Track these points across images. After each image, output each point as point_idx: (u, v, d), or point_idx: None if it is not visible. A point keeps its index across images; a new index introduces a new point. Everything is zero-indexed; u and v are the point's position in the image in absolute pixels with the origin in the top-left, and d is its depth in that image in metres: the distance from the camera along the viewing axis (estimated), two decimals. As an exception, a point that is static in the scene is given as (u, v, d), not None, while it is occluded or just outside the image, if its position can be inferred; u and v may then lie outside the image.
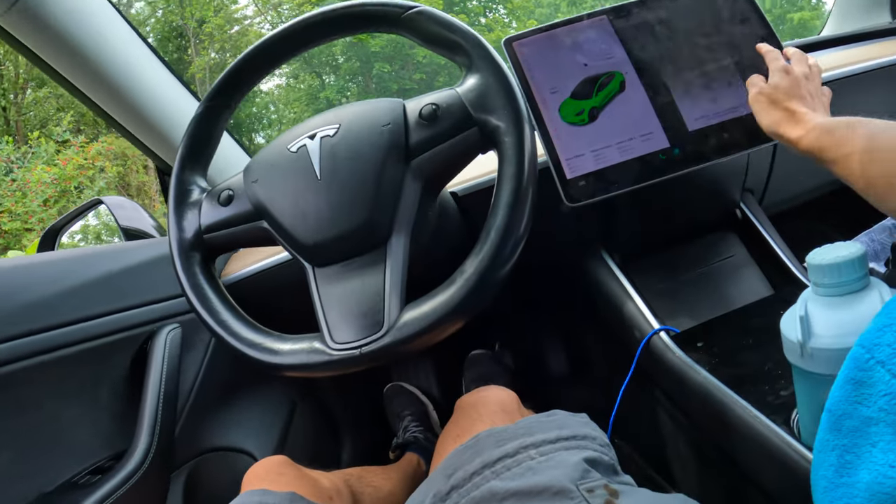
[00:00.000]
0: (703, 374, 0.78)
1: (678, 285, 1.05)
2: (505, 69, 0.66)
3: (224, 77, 0.77)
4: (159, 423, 0.91)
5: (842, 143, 0.64)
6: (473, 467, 0.55)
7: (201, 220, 0.73)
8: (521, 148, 0.62)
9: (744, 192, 1.10)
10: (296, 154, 0.68)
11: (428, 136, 0.66)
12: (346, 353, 0.61)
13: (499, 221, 0.60)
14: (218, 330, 0.69)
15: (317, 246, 0.66)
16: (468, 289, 0.59)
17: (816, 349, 0.53)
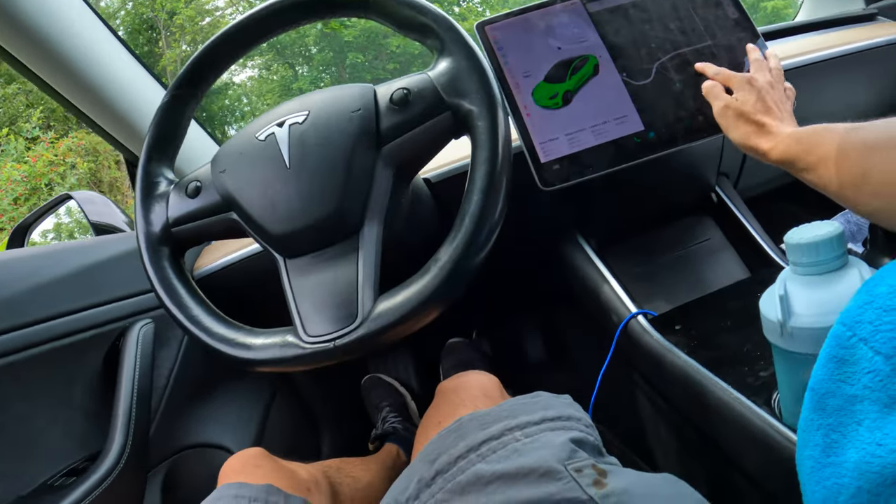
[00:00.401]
0: (681, 357, 0.78)
1: (655, 269, 1.05)
2: (477, 52, 0.64)
3: (190, 65, 0.75)
4: (133, 421, 0.89)
5: (811, 150, 0.65)
6: (458, 451, 0.55)
7: (169, 213, 0.71)
8: (494, 132, 0.61)
9: (719, 175, 1.10)
10: (264, 142, 0.67)
11: (399, 122, 0.65)
12: (320, 346, 0.60)
13: (473, 208, 0.59)
14: (189, 326, 0.67)
15: (287, 236, 0.64)
16: (442, 277, 0.58)
17: (797, 328, 0.52)
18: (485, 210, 0.59)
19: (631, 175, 0.85)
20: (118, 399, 0.89)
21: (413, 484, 0.55)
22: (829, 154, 0.62)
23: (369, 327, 0.59)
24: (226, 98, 14.87)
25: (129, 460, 0.86)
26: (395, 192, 0.66)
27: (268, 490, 0.68)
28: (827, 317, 0.51)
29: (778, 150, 0.70)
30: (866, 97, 1.35)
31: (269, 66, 15.11)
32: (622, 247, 1.07)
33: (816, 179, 0.64)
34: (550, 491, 0.48)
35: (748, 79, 0.78)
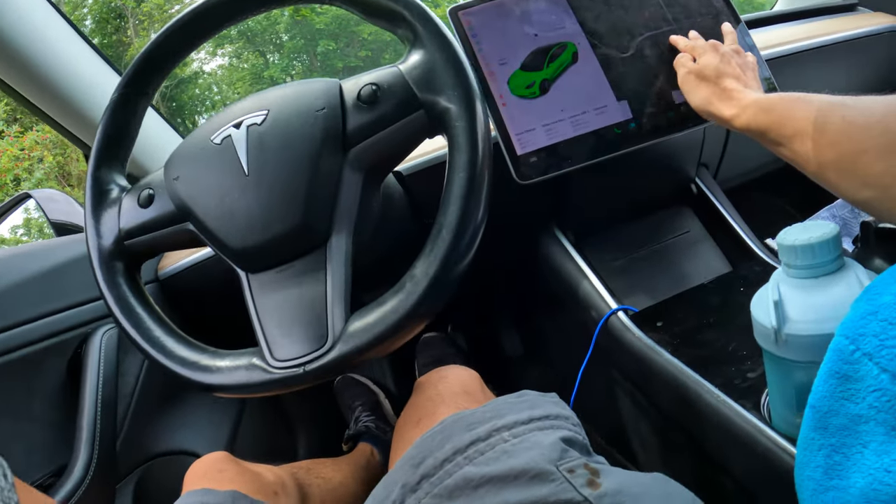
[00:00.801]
0: (665, 355, 0.75)
1: (633, 262, 1.02)
2: (454, 42, 0.59)
3: (138, 61, 0.69)
4: (99, 433, 0.85)
5: (784, 122, 0.60)
6: (444, 454, 0.52)
7: (121, 224, 0.66)
8: (473, 133, 0.56)
9: (699, 166, 1.08)
10: (220, 146, 0.61)
11: (368, 121, 0.59)
12: (288, 371, 0.56)
13: (451, 217, 0.54)
14: (147, 348, 0.62)
15: (248, 250, 0.59)
16: (419, 294, 0.53)
17: (791, 335, 0.50)
18: (464, 219, 0.54)
19: (610, 166, 0.82)
20: (82, 410, 0.85)
21: (397, 489, 0.52)
22: (804, 129, 0.57)
23: (341, 350, 0.54)
24: (196, 87, 14.64)
25: (96, 474, 0.82)
26: (364, 198, 0.61)
27: (233, 496, 0.66)
28: (823, 324, 0.48)
29: (744, 117, 0.66)
30: (846, 88, 1.33)
31: (239, 54, 14.88)
32: (600, 239, 1.04)
33: (791, 155, 0.60)
34: (544, 493, 0.46)
35: (711, 44, 0.76)
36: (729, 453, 0.65)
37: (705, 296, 0.88)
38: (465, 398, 0.72)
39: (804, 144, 0.57)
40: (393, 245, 0.81)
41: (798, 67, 1.15)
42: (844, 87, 1.33)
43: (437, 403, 0.71)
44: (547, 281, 1.06)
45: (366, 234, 0.65)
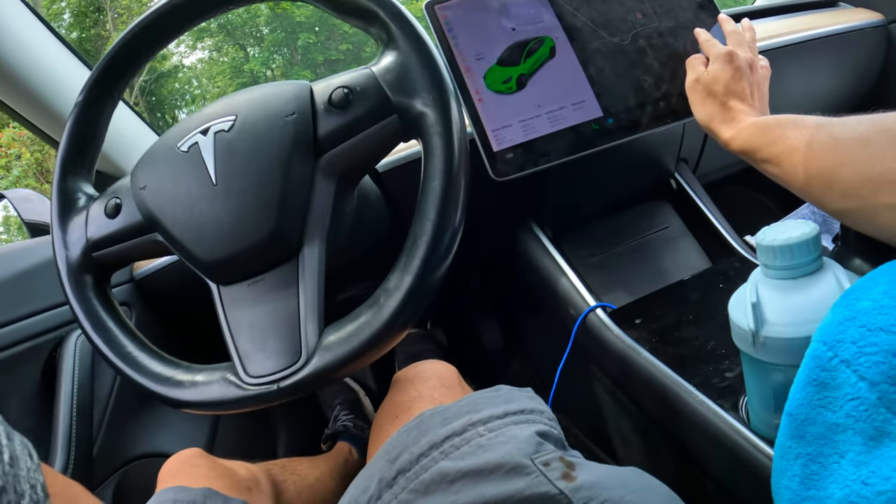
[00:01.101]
0: (643, 354, 0.74)
1: (612, 258, 1.02)
2: (429, 43, 0.57)
3: (103, 63, 0.66)
4: (75, 439, 0.83)
5: (775, 141, 0.62)
6: (419, 448, 0.52)
7: (88, 235, 0.64)
8: (449, 139, 0.53)
9: (678, 161, 1.07)
10: (187, 154, 0.59)
11: (339, 126, 0.57)
12: (262, 388, 0.54)
13: (426, 227, 0.52)
14: (119, 364, 0.60)
15: (218, 263, 0.57)
16: (394, 307, 0.52)
17: (769, 338, 0.49)
18: (439, 229, 0.52)
19: (588, 161, 0.81)
20: (57, 416, 0.83)
21: (374, 484, 0.52)
22: (795, 148, 0.59)
23: (315, 365, 0.53)
24: (175, 81, 14.52)
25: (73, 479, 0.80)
26: (337, 204, 0.59)
27: (206, 494, 0.65)
28: (801, 326, 0.48)
29: (740, 139, 0.67)
30: (827, 84, 1.34)
31: (219, 47, 14.77)
32: (577, 234, 1.03)
33: (779, 173, 0.62)
34: (519, 486, 0.46)
35: (728, 52, 0.74)
36: (708, 454, 0.65)
37: (684, 292, 0.87)
38: (441, 392, 0.72)
39: (792, 161, 0.59)
40: (369, 247, 0.80)
41: (779, 63, 1.15)
42: (824, 83, 1.33)
43: (414, 398, 0.71)
44: (525, 277, 1.05)
45: (340, 239, 0.64)
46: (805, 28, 1.21)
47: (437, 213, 0.52)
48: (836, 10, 1.43)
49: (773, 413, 0.55)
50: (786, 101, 0.73)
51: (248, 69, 13.91)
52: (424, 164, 0.54)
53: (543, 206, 1.00)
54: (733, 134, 0.68)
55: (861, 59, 1.35)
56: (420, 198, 0.54)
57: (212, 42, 14.64)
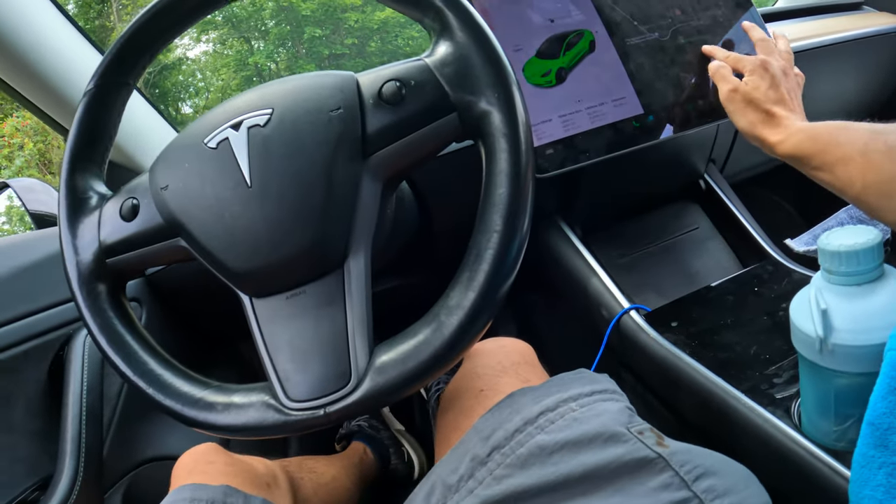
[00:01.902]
0: (685, 358, 0.72)
1: (641, 259, 1.00)
2: (490, 34, 0.51)
3: (120, 45, 0.60)
4: (84, 442, 0.79)
5: (827, 149, 0.61)
6: (514, 425, 0.51)
7: (102, 239, 0.58)
8: (516, 142, 0.48)
9: (708, 162, 1.05)
10: (215, 150, 0.53)
11: (391, 124, 0.51)
12: (307, 413, 0.49)
13: (491, 241, 0.48)
14: (141, 384, 0.55)
15: (252, 274, 0.52)
16: (456, 325, 0.47)
17: (838, 345, 0.47)
18: (506, 243, 0.47)
19: (619, 159, 0.79)
20: (65, 418, 0.79)
21: (465, 463, 0.51)
22: (849, 155, 0.59)
23: (367, 389, 0.48)
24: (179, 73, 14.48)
25: (83, 486, 0.77)
26: (382, 209, 0.54)
27: (225, 491, 0.63)
28: (869, 334, 0.46)
29: (789, 143, 0.66)
30: (850, 89, 1.33)
31: (224, 40, 14.73)
32: (606, 234, 1.01)
33: (833, 180, 0.61)
34: (619, 453, 0.46)
35: (762, 62, 0.73)
36: (759, 462, 0.63)
37: (719, 296, 0.86)
38: (526, 370, 0.70)
39: (847, 169, 0.59)
40: (401, 248, 0.77)
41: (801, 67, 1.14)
42: (847, 88, 1.32)
43: (499, 373, 0.68)
44: (552, 276, 1.03)
45: (380, 245, 0.59)
46: (828, 32, 1.19)
47: (504, 224, 0.47)
48: (859, 13, 1.43)
49: (831, 420, 0.54)
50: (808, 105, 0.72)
51: (253, 62, 13.88)
52: (487, 169, 0.49)
53: (573, 204, 0.98)
54: (781, 138, 0.67)
55: (884, 64, 1.33)
56: (483, 207, 0.49)
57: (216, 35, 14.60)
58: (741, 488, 0.45)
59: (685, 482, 0.44)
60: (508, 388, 0.61)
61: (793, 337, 0.52)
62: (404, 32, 7.27)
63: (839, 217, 1.01)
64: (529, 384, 0.60)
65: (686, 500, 0.43)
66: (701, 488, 0.44)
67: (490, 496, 0.47)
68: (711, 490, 0.44)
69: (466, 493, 0.49)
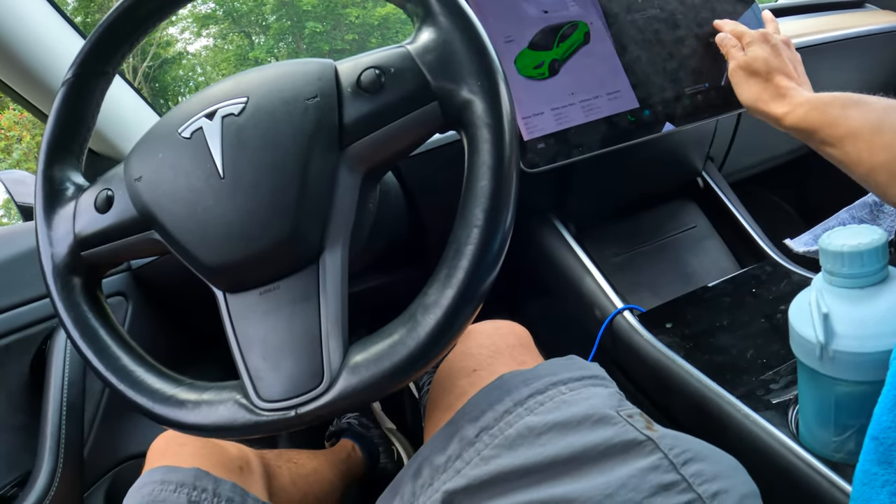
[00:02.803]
0: (679, 362, 0.70)
1: (636, 258, 0.98)
2: (474, 20, 0.48)
3: (98, 34, 0.59)
4: (64, 438, 0.78)
5: (836, 122, 0.59)
6: (503, 406, 0.51)
7: (76, 231, 0.56)
8: (499, 133, 0.46)
9: (706, 159, 1.03)
10: (189, 140, 0.51)
11: (369, 113, 0.48)
12: (278, 414, 0.47)
13: (472, 237, 0.45)
14: (112, 379, 0.53)
15: (225, 268, 0.50)
16: (433, 325, 0.45)
17: (839, 352, 0.45)
18: (487, 239, 0.45)
19: (615, 155, 0.77)
20: (45, 414, 0.78)
21: (453, 443, 0.50)
22: (859, 130, 0.56)
23: (339, 390, 0.46)
24: (179, 68, 14.48)
25: (62, 483, 0.76)
26: (361, 202, 0.51)
27: (196, 474, 0.62)
28: (873, 340, 0.44)
29: (795, 115, 0.64)
30: (854, 87, 1.30)
31: (224, 35, 14.74)
32: (600, 232, 0.99)
33: (841, 156, 0.58)
34: (608, 435, 0.46)
35: (762, 33, 0.72)
36: (754, 472, 0.60)
37: (715, 297, 0.83)
38: (521, 352, 0.69)
39: (856, 146, 0.56)
40: (386, 244, 0.74)
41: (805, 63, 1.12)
42: (850, 85, 1.29)
43: (494, 353, 0.67)
44: (543, 274, 1.00)
45: (361, 239, 0.57)
46: (829, 29, 1.18)
47: (485, 218, 0.45)
48: (862, 11, 1.41)
49: (831, 430, 0.51)
50: None
51: (253, 57, 13.88)
52: (469, 161, 0.47)
53: (567, 201, 0.95)
54: (786, 110, 0.65)
55: (886, 63, 1.31)
56: (464, 200, 0.47)
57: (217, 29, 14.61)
58: (728, 475, 0.45)
59: (673, 465, 0.44)
60: (503, 369, 0.60)
61: (791, 342, 0.50)
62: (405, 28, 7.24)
63: (840, 217, 0.98)
64: (525, 366, 0.60)
65: (674, 483, 0.43)
66: (689, 472, 0.44)
67: (477, 476, 0.47)
68: (699, 475, 0.44)
69: (454, 474, 0.49)
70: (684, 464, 0.44)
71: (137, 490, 0.60)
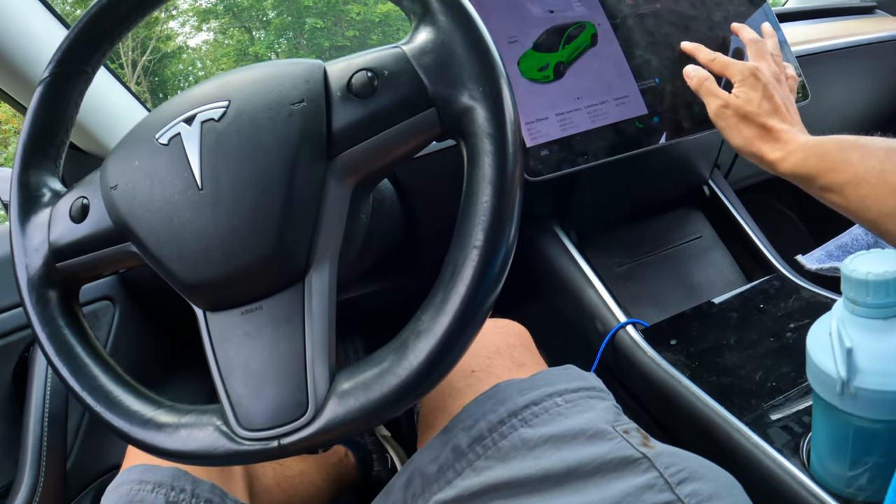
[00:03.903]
0: (684, 382, 0.67)
1: (640, 268, 0.95)
2: (476, 19, 0.44)
3: (77, 31, 0.55)
4: (46, 450, 0.75)
5: (837, 167, 0.56)
6: (498, 416, 0.50)
7: (51, 240, 0.53)
8: (502, 144, 0.42)
9: (713, 167, 1.00)
10: (166, 147, 0.47)
11: (361, 119, 0.44)
12: (259, 444, 0.44)
13: (469, 258, 0.41)
14: (87, 399, 0.50)
15: (203, 285, 0.46)
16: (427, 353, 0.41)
17: (862, 389, 0.41)
18: (486, 261, 0.41)
19: (621, 162, 0.74)
20: (27, 425, 0.75)
21: (446, 452, 0.50)
22: (863, 177, 0.53)
23: (325, 420, 0.43)
24: (179, 62, 14.45)
25: (44, 495, 0.74)
26: (352, 214, 0.48)
27: (174, 474, 0.60)
28: (896, 378, 0.40)
29: (791, 161, 0.61)
30: (863, 94, 1.28)
31: (224, 30, 14.70)
32: (603, 240, 0.96)
33: (843, 202, 0.56)
34: (603, 450, 0.46)
35: (752, 70, 0.66)
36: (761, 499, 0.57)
37: (722, 312, 0.80)
38: (521, 352, 0.67)
39: (859, 192, 0.54)
40: (377, 256, 0.70)
41: (813, 70, 1.09)
42: (859, 93, 1.28)
43: (493, 354, 0.65)
44: (543, 283, 0.97)
45: (352, 252, 0.54)
46: (839, 35, 1.16)
47: (485, 238, 0.41)
48: (872, 17, 1.39)
49: (845, 465, 0.48)
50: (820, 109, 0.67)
51: (253, 52, 13.85)
52: (469, 174, 0.43)
53: (569, 208, 0.92)
54: (782, 155, 0.62)
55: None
56: (462, 217, 0.43)
57: (217, 24, 14.58)
58: (724, 494, 0.44)
59: (669, 485, 0.43)
60: (501, 370, 0.61)
61: (809, 373, 0.47)
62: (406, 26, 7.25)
63: (854, 233, 0.95)
64: (524, 367, 0.61)
65: (669, 503, 0.42)
66: (685, 492, 0.43)
67: (468, 487, 0.47)
68: (695, 494, 0.43)
69: (445, 484, 0.48)
70: (680, 483, 0.44)
71: (114, 490, 0.59)
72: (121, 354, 0.92)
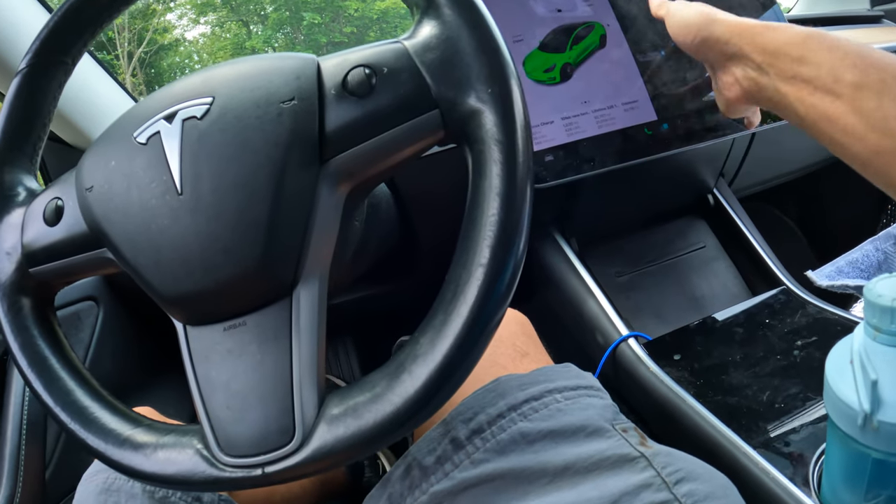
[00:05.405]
0: (688, 401, 0.64)
1: (642, 278, 0.92)
2: (485, 13, 0.41)
3: (56, 20, 0.52)
4: (24, 460, 0.73)
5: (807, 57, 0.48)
6: (498, 410, 0.50)
7: (24, 243, 0.49)
8: (512, 152, 0.38)
9: (719, 176, 0.97)
10: (145, 147, 0.43)
11: (356, 120, 0.40)
12: (243, 472, 0.41)
13: (474, 277, 0.38)
14: (60, 415, 0.47)
15: (183, 298, 0.42)
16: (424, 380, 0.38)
17: (885, 423, 0.39)
18: (493, 277, 0.37)
19: (624, 170, 0.72)
20: (4, 432, 0.73)
21: (444, 444, 0.50)
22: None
23: (314, 449, 0.39)
24: (176, 55, 14.39)
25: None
26: (345, 222, 0.44)
27: None
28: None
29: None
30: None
31: (222, 23, 14.65)
32: (605, 249, 0.94)
33: (831, 113, 0.46)
34: (601, 448, 0.47)
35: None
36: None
37: (727, 327, 0.78)
38: (524, 341, 0.67)
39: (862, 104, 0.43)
40: (371, 262, 0.67)
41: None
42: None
43: (495, 342, 0.64)
44: (542, 291, 0.94)
45: (345, 262, 0.50)
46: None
47: (492, 256, 0.37)
48: (878, 27, 1.37)
49: (861, 496, 0.46)
50: None
51: (250, 46, 13.81)
52: (474, 184, 0.39)
53: (570, 215, 0.89)
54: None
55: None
56: (466, 231, 0.39)
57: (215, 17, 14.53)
58: (720, 495, 0.45)
59: (666, 484, 0.44)
60: (503, 358, 0.62)
61: (826, 401, 0.44)
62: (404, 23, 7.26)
63: (864, 249, 0.92)
64: (527, 356, 0.62)
65: (666, 502, 0.43)
66: (682, 492, 0.44)
67: (465, 478, 0.47)
68: (692, 494, 0.43)
69: (443, 476, 0.49)
70: (677, 483, 0.44)
71: (90, 478, 0.58)
72: (104, 357, 0.89)
